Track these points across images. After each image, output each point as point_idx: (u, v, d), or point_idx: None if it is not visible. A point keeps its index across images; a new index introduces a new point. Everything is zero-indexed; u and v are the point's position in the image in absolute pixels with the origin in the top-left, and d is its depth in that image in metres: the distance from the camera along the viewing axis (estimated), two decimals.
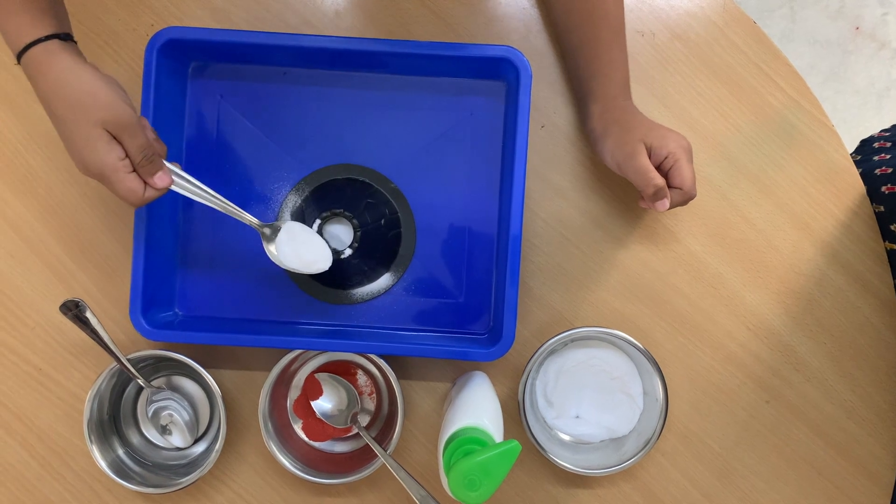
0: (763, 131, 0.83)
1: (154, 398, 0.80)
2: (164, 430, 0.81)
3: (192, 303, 0.81)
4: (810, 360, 0.83)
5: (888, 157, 0.87)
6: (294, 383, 0.82)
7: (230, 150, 0.81)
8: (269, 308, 0.81)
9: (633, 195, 0.83)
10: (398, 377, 0.77)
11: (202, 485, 0.82)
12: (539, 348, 0.77)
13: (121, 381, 0.81)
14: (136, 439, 0.83)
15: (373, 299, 0.81)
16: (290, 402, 0.82)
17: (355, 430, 0.80)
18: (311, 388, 0.80)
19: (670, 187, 0.72)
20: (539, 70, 0.82)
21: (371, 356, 0.77)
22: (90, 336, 0.74)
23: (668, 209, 0.72)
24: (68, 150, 0.65)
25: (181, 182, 0.69)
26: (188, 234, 0.81)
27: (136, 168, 0.66)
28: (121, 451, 0.81)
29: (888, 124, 1.02)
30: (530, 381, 0.80)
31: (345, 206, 0.81)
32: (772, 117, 0.83)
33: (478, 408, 0.70)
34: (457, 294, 0.81)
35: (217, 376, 0.78)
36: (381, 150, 0.81)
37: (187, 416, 0.81)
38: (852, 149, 1.01)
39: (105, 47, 0.82)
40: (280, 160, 0.80)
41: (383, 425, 0.83)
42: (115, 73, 0.82)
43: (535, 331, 0.83)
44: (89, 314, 0.74)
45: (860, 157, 0.94)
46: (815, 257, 0.83)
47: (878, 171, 0.84)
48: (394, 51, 0.76)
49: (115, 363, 0.76)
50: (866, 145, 0.97)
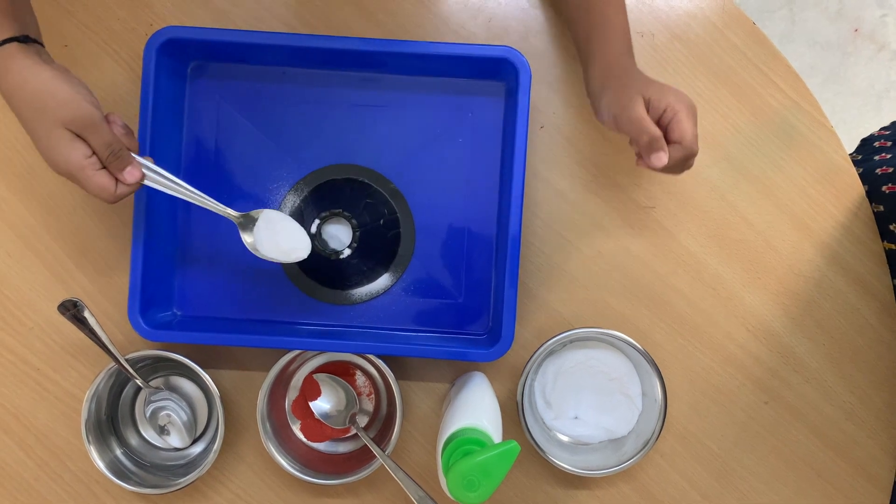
0: (763, 132, 0.83)
1: (152, 398, 0.80)
2: (162, 431, 0.81)
3: (190, 303, 0.81)
4: (809, 362, 0.83)
5: (889, 156, 0.87)
6: (292, 384, 0.82)
7: (229, 149, 0.81)
8: (267, 308, 0.81)
9: (632, 196, 0.82)
10: (397, 378, 0.77)
11: (200, 485, 0.82)
12: (538, 349, 0.77)
13: (119, 382, 0.81)
14: (134, 440, 0.83)
15: (371, 300, 0.81)
16: (288, 403, 0.82)
17: (354, 431, 0.80)
18: (310, 389, 0.80)
19: (669, 142, 0.68)
20: (538, 70, 0.82)
21: (370, 357, 0.77)
22: (88, 336, 0.74)
23: (668, 167, 0.68)
24: (39, 152, 0.65)
25: (154, 176, 0.68)
26: (187, 233, 0.81)
27: (104, 164, 0.65)
28: (119, 452, 0.80)
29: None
30: (529, 381, 0.79)
31: (344, 207, 0.81)
32: (771, 118, 0.83)
33: (477, 408, 0.70)
34: (456, 294, 0.81)
35: (215, 376, 0.78)
36: (381, 150, 0.81)
37: (185, 417, 0.81)
38: (852, 150, 1.01)
39: (104, 46, 0.82)
40: (279, 160, 0.80)
41: (382, 426, 0.83)
42: (115, 73, 0.82)
43: (534, 331, 0.82)
44: (87, 314, 0.74)
45: (861, 157, 0.94)
46: (814, 258, 0.83)
47: (878, 171, 0.84)
48: (393, 51, 0.76)
49: (113, 363, 0.76)
50: (867, 144, 0.97)
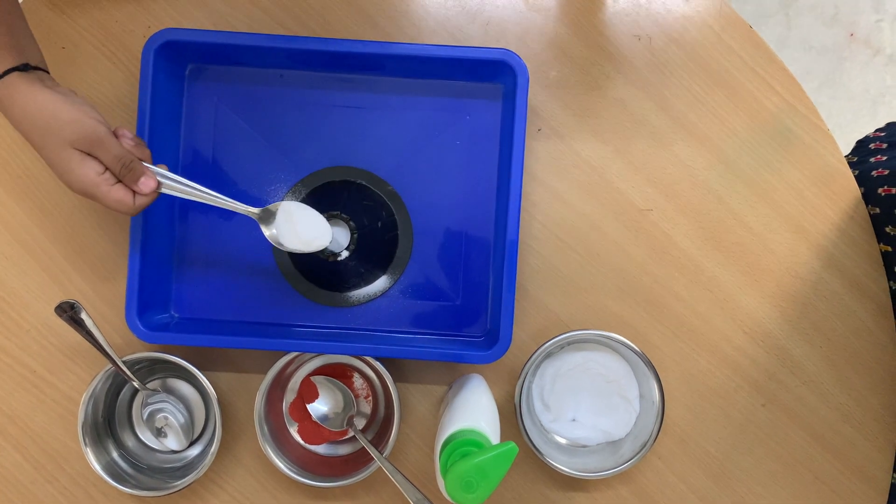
0: (759, 135, 0.83)
1: (149, 401, 0.80)
2: (159, 433, 0.80)
3: (187, 305, 0.81)
4: (806, 364, 0.83)
5: (885, 158, 0.87)
6: (290, 386, 0.82)
7: (227, 152, 0.81)
8: (265, 310, 0.81)
9: (630, 199, 0.83)
10: (395, 380, 0.77)
11: (197, 488, 0.82)
12: (536, 351, 0.77)
13: (116, 384, 0.80)
14: (130, 442, 0.82)
15: (369, 302, 0.81)
16: (285, 405, 0.82)
17: (351, 434, 0.80)
18: (307, 391, 0.80)
19: None
20: (536, 73, 0.83)
21: (367, 359, 0.77)
22: (85, 338, 0.74)
23: None
24: (56, 176, 0.65)
25: (169, 183, 0.69)
26: (184, 235, 0.81)
27: (119, 178, 0.66)
28: (115, 454, 0.80)
29: None
30: (527, 384, 0.79)
31: (341, 209, 0.81)
32: (768, 121, 0.83)
33: (474, 410, 0.70)
34: (454, 297, 0.81)
35: (213, 379, 0.78)
36: (378, 152, 0.81)
37: (182, 419, 0.81)
38: (847, 152, 1.02)
39: (102, 48, 0.82)
40: (277, 162, 0.80)
41: (379, 428, 0.83)
42: (112, 75, 0.82)
43: (531, 334, 0.82)
44: (84, 316, 0.74)
45: (857, 159, 0.94)
46: (810, 261, 0.83)
47: (874, 173, 0.84)
48: (390, 53, 0.76)
49: (110, 365, 0.76)
50: (862, 146, 0.98)
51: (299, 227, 0.72)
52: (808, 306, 0.83)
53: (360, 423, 0.82)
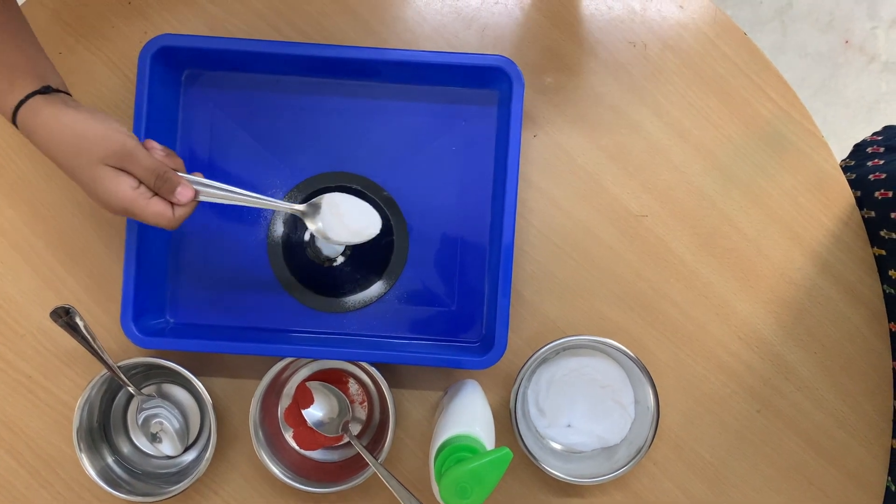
0: (754, 141, 0.84)
1: (144, 406, 0.80)
2: (154, 439, 0.80)
3: (183, 310, 0.81)
4: (801, 370, 0.83)
5: (882, 162, 0.88)
6: (285, 391, 0.82)
7: (223, 157, 0.81)
8: (260, 316, 0.81)
9: (625, 204, 0.83)
10: (390, 385, 0.77)
11: (192, 493, 0.82)
12: (531, 357, 0.77)
13: (111, 389, 0.80)
14: (125, 447, 0.82)
15: (364, 307, 0.81)
16: (281, 411, 0.82)
17: (346, 439, 0.80)
18: (303, 397, 0.80)
19: None
20: (532, 79, 0.83)
21: (363, 364, 0.77)
22: (80, 343, 0.74)
23: None
24: (91, 199, 0.64)
25: (207, 189, 0.67)
26: (180, 241, 0.81)
27: (154, 191, 0.65)
28: (110, 460, 0.80)
29: None
30: (522, 389, 0.79)
31: None
32: (762, 128, 0.84)
33: (469, 416, 0.70)
34: (449, 302, 0.81)
35: (208, 384, 0.78)
36: (374, 157, 0.81)
37: (178, 425, 0.81)
38: (844, 157, 1.02)
39: (98, 54, 0.82)
40: (273, 168, 0.81)
41: (375, 434, 0.83)
42: (109, 81, 0.82)
43: (527, 339, 0.83)
44: (80, 321, 0.73)
45: (854, 163, 0.94)
46: (804, 266, 0.83)
47: (871, 177, 0.85)
48: (387, 59, 0.76)
49: (105, 371, 0.75)
50: (859, 150, 0.98)
51: (347, 219, 0.71)
52: (803, 312, 0.83)
53: (356, 428, 0.82)
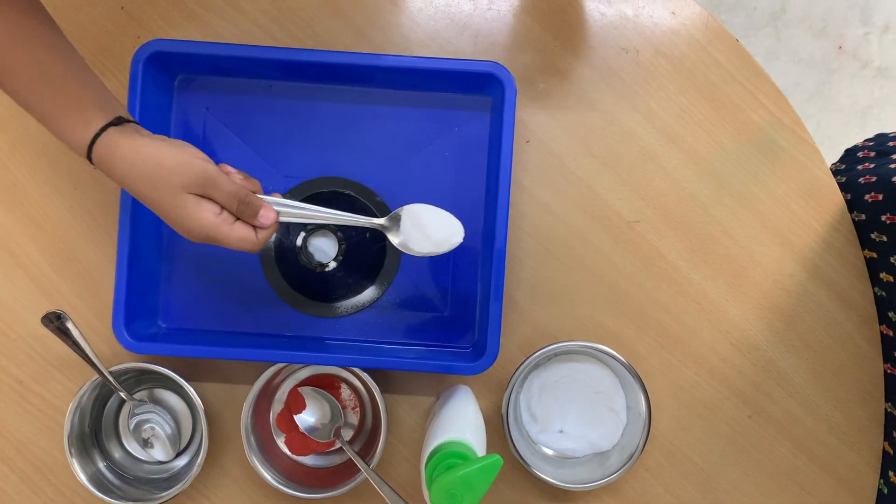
0: (746, 148, 0.84)
1: (136, 411, 0.80)
2: (145, 444, 0.80)
3: (175, 315, 0.81)
4: (792, 376, 0.83)
5: (872, 166, 0.88)
6: (277, 397, 0.82)
7: (216, 162, 0.80)
8: (252, 321, 0.81)
9: (617, 210, 0.83)
10: (382, 391, 0.77)
11: (184, 499, 0.82)
12: (523, 362, 0.77)
13: (103, 394, 0.80)
14: (117, 453, 0.82)
15: (357, 312, 0.81)
16: (273, 416, 0.82)
17: (338, 445, 0.80)
18: (295, 402, 0.80)
19: None
20: (524, 85, 0.83)
21: (355, 370, 0.77)
22: (72, 348, 0.74)
23: None
24: (170, 225, 0.64)
25: (287, 210, 0.67)
26: (172, 246, 0.81)
27: (236, 215, 0.64)
28: (102, 465, 0.80)
29: None
30: (514, 395, 0.79)
31: None
32: (754, 134, 0.84)
33: (461, 422, 0.70)
34: (441, 308, 0.81)
35: (200, 389, 0.78)
36: (367, 163, 0.81)
37: (169, 430, 0.80)
38: (835, 161, 1.02)
39: (91, 58, 0.82)
40: (265, 172, 0.80)
41: (367, 439, 0.83)
42: None
43: (519, 345, 0.83)
44: (71, 326, 0.73)
45: (844, 167, 0.95)
46: (796, 272, 0.83)
47: (861, 180, 0.85)
48: (380, 65, 0.76)
49: (97, 376, 0.75)
50: (850, 154, 0.98)
51: (429, 230, 0.70)
52: (794, 318, 0.83)
53: (348, 434, 0.82)
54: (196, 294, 0.81)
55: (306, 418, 0.79)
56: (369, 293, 0.81)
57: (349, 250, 0.81)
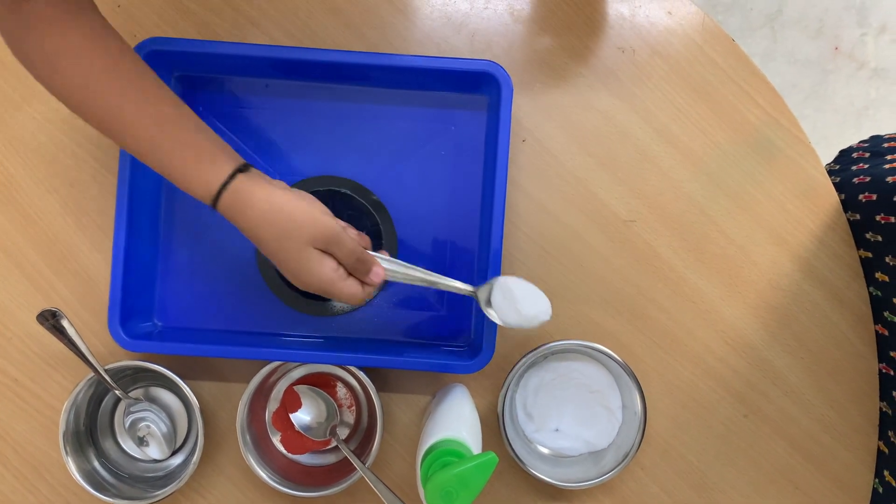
0: (742, 148, 0.84)
1: (131, 409, 0.80)
2: (141, 442, 0.80)
3: (171, 314, 0.81)
4: (788, 375, 0.84)
5: (866, 166, 0.88)
6: (273, 395, 0.82)
7: None
8: (248, 319, 0.81)
9: (613, 209, 0.83)
10: (378, 389, 0.77)
11: (179, 497, 0.82)
12: (519, 361, 0.77)
13: (98, 393, 0.80)
14: (112, 451, 0.82)
15: (353, 311, 0.81)
16: (268, 415, 0.82)
17: (334, 443, 0.80)
18: (290, 401, 0.80)
19: None
20: (520, 84, 0.83)
21: (351, 368, 0.77)
22: (67, 346, 0.74)
23: None
24: (284, 272, 0.66)
25: (392, 268, 0.69)
26: (168, 244, 0.81)
27: (350, 272, 0.66)
28: (97, 463, 0.80)
29: None
30: (510, 394, 0.80)
31: None
32: (750, 134, 0.84)
33: (456, 420, 0.70)
34: (437, 307, 0.81)
35: (195, 388, 0.78)
36: (363, 162, 0.81)
37: (165, 428, 0.80)
38: (830, 161, 1.03)
39: None
40: (262, 171, 0.80)
41: (362, 438, 0.83)
42: None
43: (515, 344, 0.83)
44: (66, 324, 0.73)
45: (839, 167, 0.95)
46: (792, 272, 0.84)
47: (855, 180, 0.85)
48: (376, 64, 0.76)
49: (92, 374, 0.75)
50: (845, 155, 0.99)
51: (520, 304, 0.71)
52: (790, 317, 0.84)
53: (343, 432, 0.82)
54: (192, 292, 0.81)
55: (302, 417, 0.79)
56: None
57: None
